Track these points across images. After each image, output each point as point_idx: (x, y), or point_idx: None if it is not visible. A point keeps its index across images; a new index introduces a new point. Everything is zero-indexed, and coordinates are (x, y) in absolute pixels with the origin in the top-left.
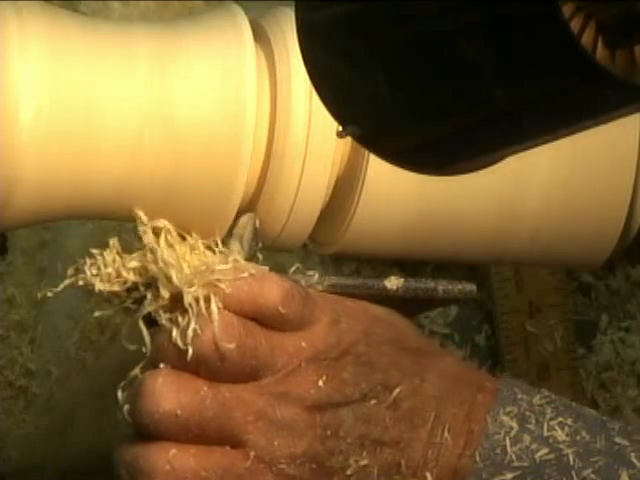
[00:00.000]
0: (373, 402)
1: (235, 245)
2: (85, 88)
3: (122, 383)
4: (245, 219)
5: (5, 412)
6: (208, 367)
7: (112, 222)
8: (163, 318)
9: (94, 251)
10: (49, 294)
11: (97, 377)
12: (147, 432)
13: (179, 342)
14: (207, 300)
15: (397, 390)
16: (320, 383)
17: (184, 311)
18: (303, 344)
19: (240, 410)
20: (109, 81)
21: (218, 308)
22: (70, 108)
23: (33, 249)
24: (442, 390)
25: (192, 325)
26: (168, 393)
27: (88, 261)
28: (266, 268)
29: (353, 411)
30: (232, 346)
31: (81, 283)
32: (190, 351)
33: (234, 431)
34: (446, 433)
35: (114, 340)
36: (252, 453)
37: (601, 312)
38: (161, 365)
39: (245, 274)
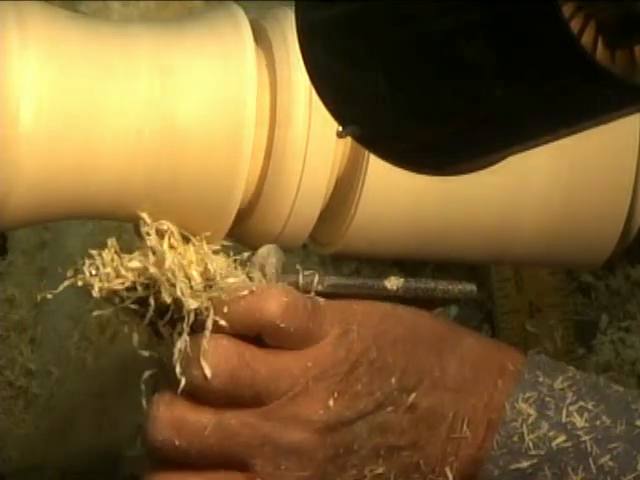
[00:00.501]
0: (390, 409)
1: (256, 274)
2: (85, 88)
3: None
4: (265, 250)
5: (5, 412)
6: (204, 397)
7: (112, 222)
8: (170, 333)
9: (92, 251)
10: (49, 296)
11: (97, 377)
12: (152, 456)
13: (177, 369)
14: (203, 324)
15: (414, 395)
16: (330, 402)
17: (186, 328)
18: (309, 364)
19: (245, 436)
20: (109, 81)
21: (213, 336)
22: (70, 108)
23: (33, 249)
24: (461, 380)
25: (187, 353)
26: (167, 421)
27: (87, 261)
28: (271, 282)
29: (367, 423)
30: (224, 379)
31: (80, 284)
32: (182, 382)
33: (239, 456)
34: (465, 427)
35: (114, 340)
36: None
37: (601, 312)
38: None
39: (245, 291)
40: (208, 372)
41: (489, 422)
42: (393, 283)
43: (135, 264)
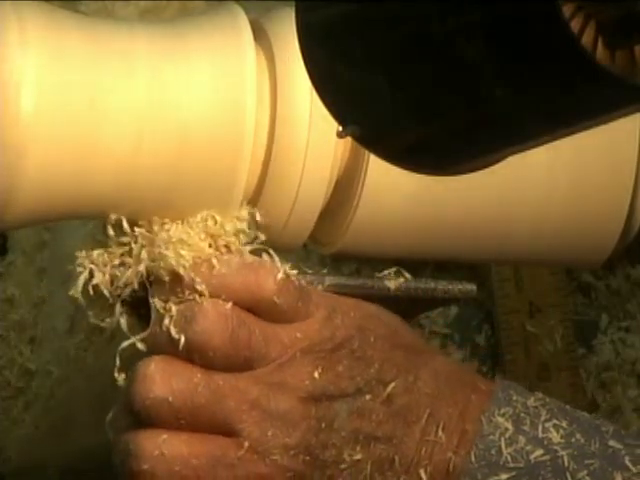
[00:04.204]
0: (368, 397)
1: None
2: (85, 88)
3: (118, 365)
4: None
5: (5, 412)
6: (201, 356)
7: None
8: (157, 304)
9: (79, 253)
10: (72, 293)
11: (97, 377)
12: (139, 418)
13: (172, 330)
14: (201, 290)
15: (391, 385)
16: (315, 374)
17: (178, 298)
18: (298, 335)
19: (234, 399)
20: (109, 81)
21: (212, 297)
22: (70, 108)
23: (33, 249)
24: (436, 388)
25: (185, 313)
26: (159, 379)
27: (79, 259)
28: (265, 259)
29: (347, 405)
30: (225, 337)
31: (95, 281)
32: (182, 340)
33: (227, 420)
34: (440, 431)
35: (114, 340)
36: (246, 443)
37: (601, 312)
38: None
39: (239, 262)
40: (209, 327)
41: (464, 432)
42: (393, 283)
43: (120, 252)
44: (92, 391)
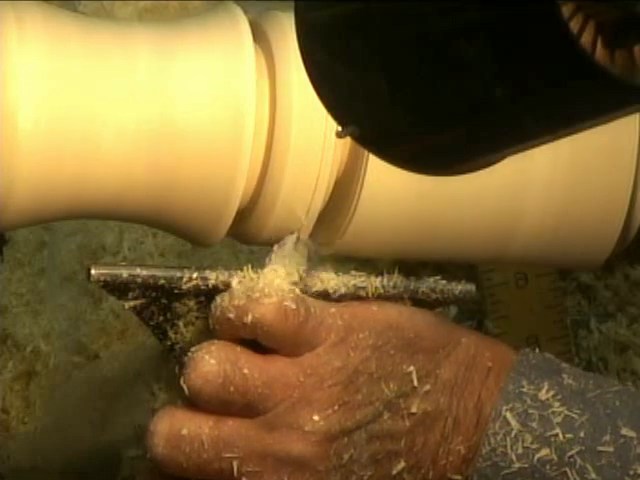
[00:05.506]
0: (387, 416)
1: (278, 267)
2: (84, 89)
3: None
4: (292, 239)
5: (5, 412)
6: (201, 404)
7: (112, 222)
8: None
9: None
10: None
11: (97, 377)
12: (158, 470)
13: (181, 380)
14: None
15: (411, 401)
16: (329, 412)
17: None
18: (306, 371)
19: (244, 449)
20: (109, 82)
21: (209, 342)
22: (69, 109)
23: (33, 249)
24: (455, 383)
25: (185, 360)
26: (165, 437)
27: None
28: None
29: (367, 433)
30: (216, 384)
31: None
32: (185, 389)
33: (239, 470)
34: (457, 427)
35: (114, 340)
36: None
37: (601, 312)
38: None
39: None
40: (201, 376)
41: (478, 423)
42: (393, 283)
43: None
44: (92, 391)
